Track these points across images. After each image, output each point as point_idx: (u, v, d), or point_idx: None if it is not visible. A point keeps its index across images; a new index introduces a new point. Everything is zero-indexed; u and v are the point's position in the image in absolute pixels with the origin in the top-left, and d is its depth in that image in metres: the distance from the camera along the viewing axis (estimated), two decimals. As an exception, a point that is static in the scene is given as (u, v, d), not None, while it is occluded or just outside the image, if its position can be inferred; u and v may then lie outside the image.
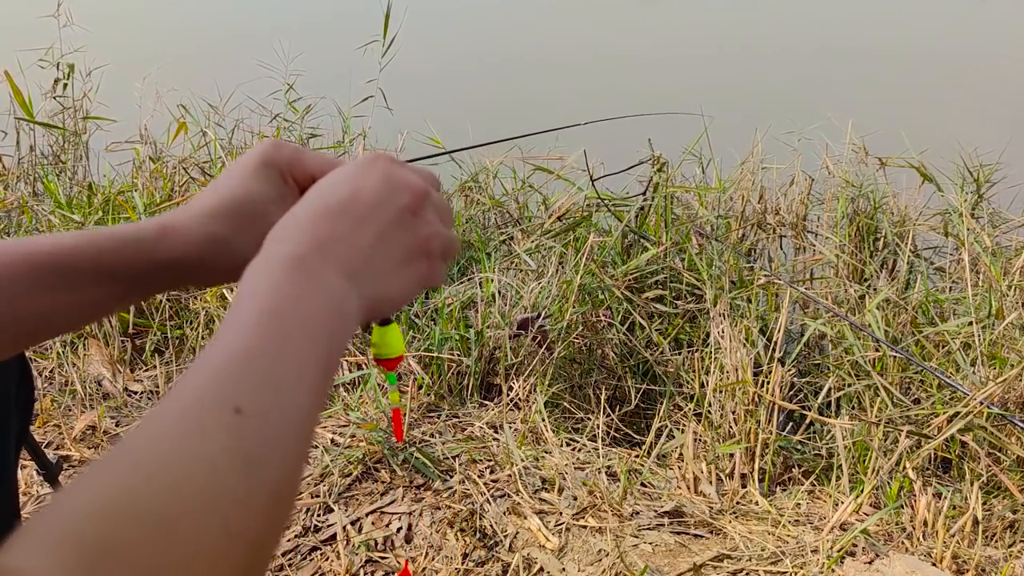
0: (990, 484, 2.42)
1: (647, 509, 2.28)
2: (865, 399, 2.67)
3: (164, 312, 3.16)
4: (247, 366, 0.44)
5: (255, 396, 0.43)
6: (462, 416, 2.68)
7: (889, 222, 3.74)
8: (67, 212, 3.53)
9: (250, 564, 0.40)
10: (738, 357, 2.61)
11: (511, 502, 2.25)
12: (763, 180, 4.05)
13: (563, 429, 2.67)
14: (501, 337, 2.81)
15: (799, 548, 2.14)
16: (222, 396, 0.43)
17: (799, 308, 3.42)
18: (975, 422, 2.38)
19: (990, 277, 3.02)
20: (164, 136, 4.26)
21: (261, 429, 0.42)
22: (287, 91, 4.13)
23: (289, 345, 0.47)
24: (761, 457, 2.48)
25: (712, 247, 3.35)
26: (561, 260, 3.13)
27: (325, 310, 0.50)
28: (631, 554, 2.09)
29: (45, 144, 4.44)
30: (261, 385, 0.44)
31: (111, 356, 2.95)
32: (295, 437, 0.44)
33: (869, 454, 2.42)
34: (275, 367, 0.45)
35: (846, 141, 4.07)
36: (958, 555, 2.11)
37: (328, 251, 0.53)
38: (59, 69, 4.34)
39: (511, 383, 2.76)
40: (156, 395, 2.83)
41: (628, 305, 3.05)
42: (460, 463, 2.38)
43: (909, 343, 2.88)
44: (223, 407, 0.42)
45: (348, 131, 4.13)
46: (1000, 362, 2.61)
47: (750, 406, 2.54)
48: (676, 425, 2.72)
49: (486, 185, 3.94)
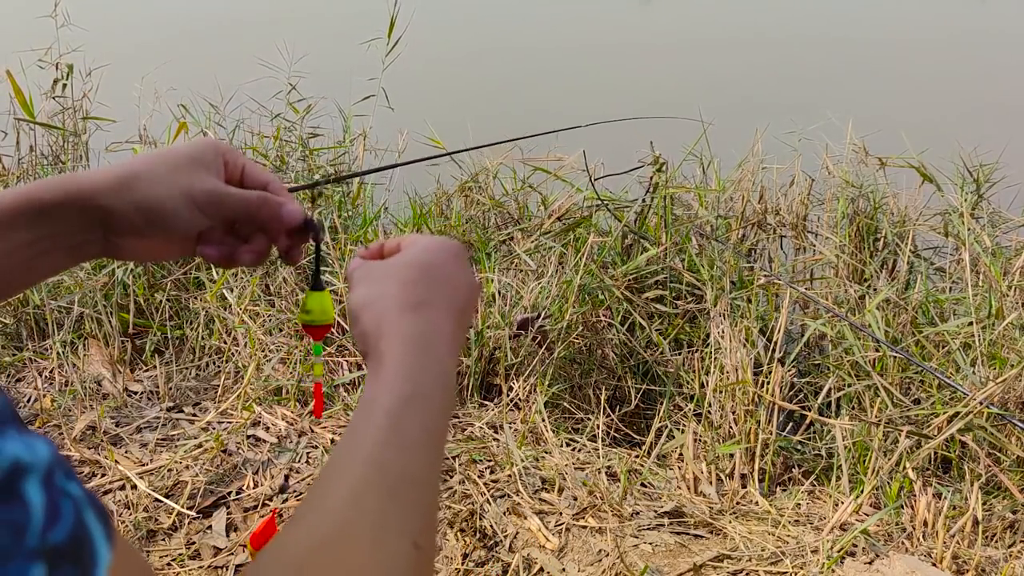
0: (990, 484, 2.42)
1: (647, 509, 2.28)
2: (865, 399, 2.67)
3: (164, 312, 3.16)
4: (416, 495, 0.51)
5: (425, 529, 0.50)
6: (462, 416, 2.68)
7: (889, 222, 3.74)
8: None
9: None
10: (738, 357, 2.61)
11: (511, 502, 2.25)
12: (763, 180, 4.05)
13: (563, 429, 2.67)
14: (501, 337, 2.80)
15: (799, 548, 2.14)
16: (404, 528, 0.48)
17: (799, 308, 3.42)
18: (975, 422, 2.38)
19: (990, 277, 3.02)
20: (164, 136, 4.26)
21: (428, 562, 0.49)
22: (289, 91, 4.12)
23: (437, 460, 0.54)
24: (761, 457, 2.48)
25: (712, 247, 3.35)
26: (561, 260, 3.13)
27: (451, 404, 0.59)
28: (631, 554, 2.09)
29: (45, 144, 4.43)
30: (427, 516, 0.51)
31: (111, 356, 2.95)
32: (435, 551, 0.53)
33: (869, 454, 2.42)
34: (431, 490, 0.52)
35: (846, 141, 4.07)
36: (958, 555, 2.11)
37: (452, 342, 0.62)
38: (58, 69, 4.34)
39: (511, 383, 2.76)
40: (156, 395, 2.83)
41: (628, 305, 3.05)
42: (460, 463, 2.38)
43: (909, 343, 2.88)
44: (408, 541, 0.48)
45: (349, 131, 4.12)
46: (1000, 362, 2.61)
47: (750, 406, 2.54)
48: (676, 425, 2.72)
49: (486, 185, 3.93)
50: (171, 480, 2.35)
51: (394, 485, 0.50)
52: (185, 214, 0.67)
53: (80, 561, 0.31)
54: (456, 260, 0.66)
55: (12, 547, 0.29)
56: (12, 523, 0.29)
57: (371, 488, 0.49)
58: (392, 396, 0.54)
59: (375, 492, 0.49)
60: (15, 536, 0.29)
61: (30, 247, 0.64)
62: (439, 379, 0.58)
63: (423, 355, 0.58)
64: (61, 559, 0.30)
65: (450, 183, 4.01)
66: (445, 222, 3.80)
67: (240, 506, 2.29)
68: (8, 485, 0.29)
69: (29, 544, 0.30)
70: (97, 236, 0.66)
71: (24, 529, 0.30)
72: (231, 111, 4.19)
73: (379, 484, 0.49)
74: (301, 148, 4.04)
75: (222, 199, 0.68)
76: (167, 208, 0.66)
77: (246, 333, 2.91)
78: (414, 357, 0.57)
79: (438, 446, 0.55)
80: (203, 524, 2.22)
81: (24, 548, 0.29)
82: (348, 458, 0.51)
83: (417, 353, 0.58)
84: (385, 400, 0.54)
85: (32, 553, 0.30)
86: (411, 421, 0.53)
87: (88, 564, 0.32)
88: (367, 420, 0.53)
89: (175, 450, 2.48)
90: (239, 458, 2.45)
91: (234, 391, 2.77)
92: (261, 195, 0.70)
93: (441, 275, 0.64)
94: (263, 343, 2.88)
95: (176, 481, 2.35)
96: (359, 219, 3.75)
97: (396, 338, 0.58)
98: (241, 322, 2.92)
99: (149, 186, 0.66)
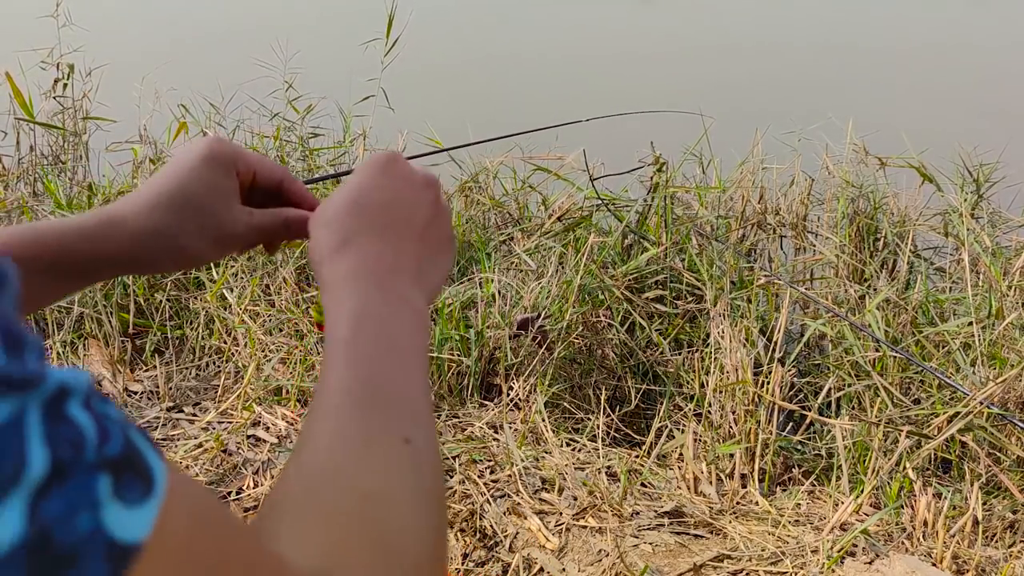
0: (990, 484, 2.42)
1: (647, 509, 2.28)
2: (865, 399, 2.67)
3: (164, 312, 3.16)
4: (392, 394, 0.51)
5: (411, 424, 0.50)
6: (462, 416, 2.68)
7: (889, 222, 3.74)
8: (67, 212, 3.53)
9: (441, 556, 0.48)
10: (738, 357, 2.61)
11: (511, 502, 2.25)
12: (763, 180, 4.04)
13: (563, 429, 2.67)
14: (501, 337, 2.81)
15: (799, 548, 2.14)
16: (389, 428, 0.49)
17: (799, 308, 3.42)
18: (975, 422, 2.38)
19: (990, 277, 3.02)
20: (164, 136, 4.26)
21: (426, 453, 0.50)
22: (287, 89, 4.12)
23: (410, 370, 0.53)
24: (761, 457, 2.48)
25: (712, 247, 3.35)
26: (561, 260, 3.13)
27: (418, 324, 0.56)
28: (631, 554, 2.09)
29: (45, 144, 4.43)
30: (409, 412, 0.51)
31: (111, 356, 2.95)
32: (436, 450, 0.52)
33: (869, 454, 2.42)
34: (410, 393, 0.52)
35: (846, 141, 4.07)
36: (958, 555, 2.11)
37: (398, 266, 0.58)
38: (59, 69, 4.34)
39: (511, 383, 2.76)
40: (156, 395, 2.84)
41: (628, 305, 3.05)
42: (460, 463, 2.38)
43: (909, 343, 2.88)
44: (397, 437, 0.49)
45: (349, 131, 4.13)
46: (1000, 362, 2.61)
47: (750, 406, 2.54)
48: (676, 425, 2.72)
49: (486, 185, 3.93)
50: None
51: (363, 397, 0.50)
52: (217, 253, 0.70)
53: (138, 470, 0.32)
54: (384, 174, 0.61)
55: (74, 461, 0.30)
56: (70, 439, 0.30)
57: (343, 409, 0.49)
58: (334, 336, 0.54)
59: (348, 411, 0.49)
60: (75, 451, 0.30)
61: (49, 287, 0.67)
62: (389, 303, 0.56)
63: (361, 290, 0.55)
64: (122, 469, 0.32)
65: (450, 183, 4.01)
66: (445, 222, 3.80)
67: (240, 506, 2.29)
68: (57, 406, 0.31)
69: (88, 458, 0.31)
70: (123, 273, 0.71)
71: (82, 444, 0.31)
72: (231, 111, 4.20)
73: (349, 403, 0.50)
74: (301, 148, 4.04)
75: (254, 231, 0.70)
76: (204, 256, 0.69)
77: (246, 333, 2.91)
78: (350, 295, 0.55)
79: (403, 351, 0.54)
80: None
81: (85, 462, 0.30)
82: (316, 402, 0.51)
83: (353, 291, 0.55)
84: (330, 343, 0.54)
85: (93, 466, 0.31)
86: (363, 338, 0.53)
87: (146, 474, 0.33)
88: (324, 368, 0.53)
89: (175, 450, 2.48)
90: (239, 458, 2.45)
91: (234, 391, 2.77)
92: (284, 220, 0.71)
93: (371, 199, 0.60)
94: (263, 343, 2.88)
95: (176, 481, 2.35)
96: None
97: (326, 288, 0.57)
98: (241, 322, 2.92)
99: (186, 242, 0.68)
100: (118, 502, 0.31)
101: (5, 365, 0.29)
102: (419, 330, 0.56)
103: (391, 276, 0.57)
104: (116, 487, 0.31)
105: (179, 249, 0.67)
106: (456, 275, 3.32)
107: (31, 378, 0.30)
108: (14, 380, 0.29)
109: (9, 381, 0.29)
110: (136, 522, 0.31)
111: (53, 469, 0.29)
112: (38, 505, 0.29)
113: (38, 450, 0.29)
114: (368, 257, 0.57)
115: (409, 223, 0.60)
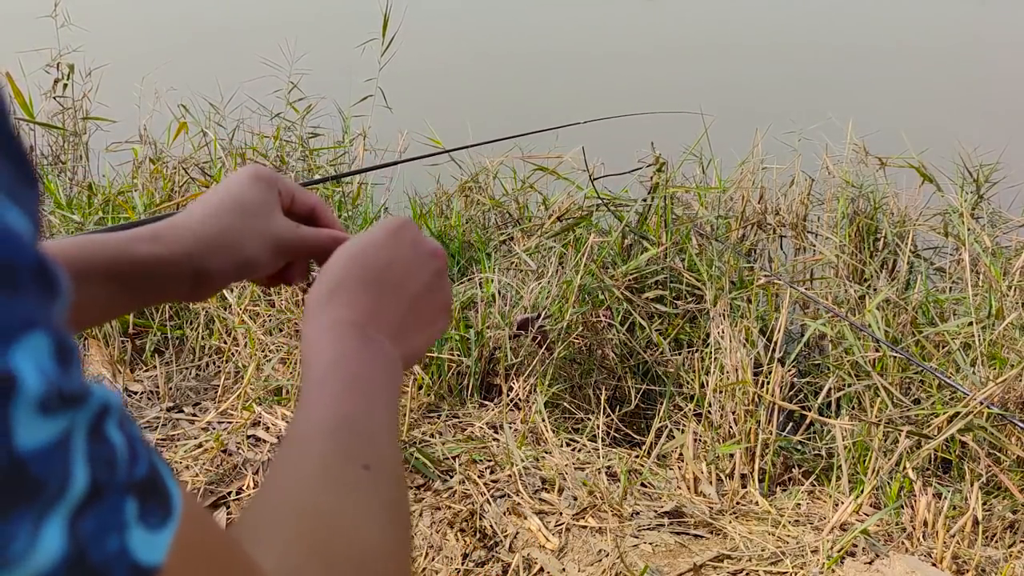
0: (990, 484, 2.42)
1: (647, 509, 2.28)
2: (865, 399, 2.67)
3: (164, 312, 3.16)
4: (357, 428, 0.53)
5: (372, 453, 0.52)
6: (462, 416, 2.68)
7: (889, 222, 3.74)
8: (67, 212, 3.53)
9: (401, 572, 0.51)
10: (738, 357, 2.61)
11: (511, 502, 2.25)
12: (763, 180, 4.05)
13: (563, 429, 2.67)
14: (501, 337, 2.81)
15: (799, 548, 2.14)
16: (348, 455, 0.51)
17: (799, 308, 3.42)
18: (975, 422, 2.38)
19: (990, 277, 3.02)
20: (164, 136, 4.26)
21: (386, 480, 0.52)
22: (290, 90, 4.12)
23: (377, 407, 0.56)
24: (761, 457, 2.48)
25: (712, 247, 3.35)
26: (561, 260, 3.13)
27: (390, 371, 0.59)
28: (631, 554, 2.09)
29: (45, 144, 4.44)
30: (371, 443, 0.53)
31: (111, 356, 2.95)
32: (400, 481, 0.54)
33: (869, 454, 2.42)
34: (373, 427, 0.54)
35: (846, 141, 4.07)
36: (958, 555, 2.11)
37: (379, 320, 0.61)
38: (58, 69, 4.34)
39: (511, 383, 2.76)
40: (156, 395, 2.84)
41: (628, 305, 3.05)
42: (460, 463, 2.38)
43: (909, 343, 2.88)
44: (354, 464, 0.51)
45: (348, 131, 4.13)
46: (1000, 362, 2.61)
47: (750, 406, 2.54)
48: (676, 425, 2.72)
49: (486, 185, 3.94)
50: (171, 480, 2.35)
51: (328, 429, 0.53)
52: (272, 262, 0.72)
53: (160, 496, 0.33)
54: (390, 235, 0.64)
55: (109, 481, 0.31)
56: (106, 459, 0.31)
57: (308, 438, 0.52)
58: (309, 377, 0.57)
59: (312, 440, 0.52)
60: (110, 471, 0.31)
61: (111, 298, 0.67)
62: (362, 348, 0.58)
63: (338, 338, 0.58)
64: (146, 493, 0.32)
65: (450, 183, 4.01)
66: (445, 222, 3.81)
67: (240, 506, 2.29)
68: (99, 425, 0.31)
69: (121, 479, 0.31)
70: (185, 287, 0.70)
71: (115, 465, 0.31)
72: (231, 111, 4.20)
73: (315, 433, 0.53)
74: (301, 148, 4.04)
75: (302, 242, 0.73)
76: (260, 261, 0.71)
77: (246, 333, 2.91)
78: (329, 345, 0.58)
79: (371, 390, 0.56)
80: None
81: (118, 483, 0.31)
82: (287, 433, 0.54)
83: (331, 340, 0.58)
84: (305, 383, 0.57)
85: (124, 487, 0.31)
86: (334, 379, 0.56)
87: (166, 498, 0.34)
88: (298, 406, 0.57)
89: (175, 450, 2.48)
90: (239, 458, 2.45)
91: (234, 391, 2.77)
92: (332, 235, 0.74)
93: (369, 256, 0.63)
94: (263, 343, 2.88)
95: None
96: (359, 219, 3.75)
97: (306, 338, 0.59)
98: (241, 322, 2.92)
99: (245, 245, 0.70)
100: (141, 525, 0.32)
101: (58, 379, 0.29)
102: (388, 371, 0.59)
103: (369, 325, 0.60)
104: (141, 511, 0.32)
105: (240, 251, 0.69)
106: (456, 275, 3.33)
107: (80, 394, 0.30)
108: (66, 396, 0.30)
109: (62, 396, 0.29)
110: (155, 546, 0.32)
111: (91, 489, 0.30)
112: (76, 523, 0.29)
113: (81, 469, 0.30)
114: (351, 306, 0.60)
115: (400, 285, 0.63)
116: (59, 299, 0.31)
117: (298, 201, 0.75)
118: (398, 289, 0.63)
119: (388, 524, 0.50)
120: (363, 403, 0.55)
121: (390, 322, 0.61)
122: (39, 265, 0.30)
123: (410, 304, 0.63)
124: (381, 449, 0.53)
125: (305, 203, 0.75)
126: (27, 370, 0.28)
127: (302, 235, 0.73)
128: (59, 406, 0.29)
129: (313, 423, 0.53)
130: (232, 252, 0.69)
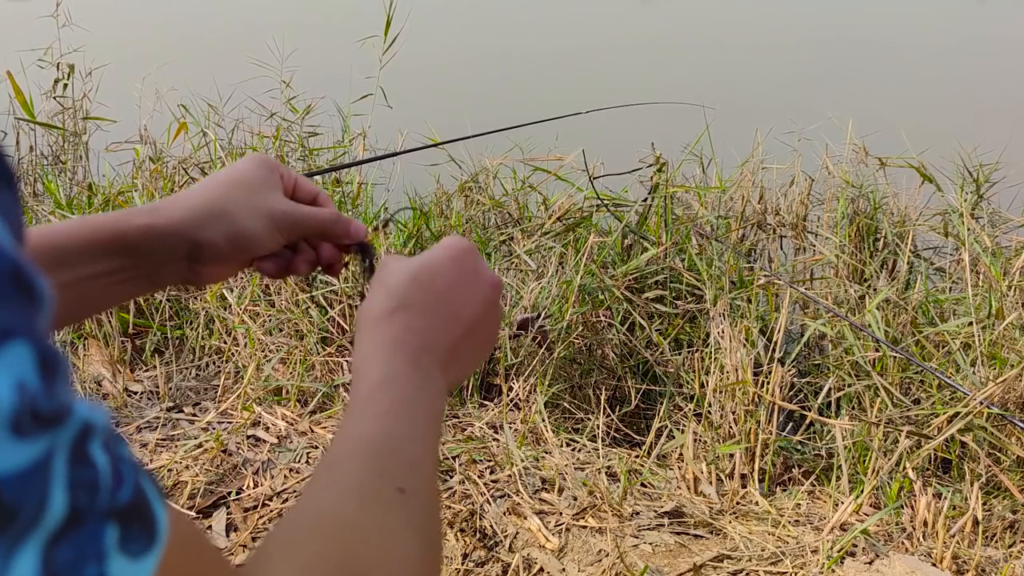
0: (990, 484, 2.42)
1: (647, 509, 2.28)
2: (865, 399, 2.67)
3: (164, 312, 3.16)
4: (397, 449, 0.54)
5: (410, 477, 0.53)
6: (462, 416, 2.68)
7: (889, 222, 3.74)
8: (67, 212, 3.53)
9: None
10: (738, 357, 2.61)
11: (511, 502, 2.25)
12: (763, 180, 4.05)
13: (563, 429, 2.67)
14: (501, 337, 2.81)
15: (799, 548, 2.14)
16: (385, 475, 0.52)
17: (799, 308, 3.42)
18: (975, 422, 2.38)
19: (990, 277, 3.02)
20: (164, 136, 4.26)
21: (420, 506, 0.52)
22: (284, 88, 4.12)
23: (421, 431, 0.56)
24: (761, 457, 2.48)
25: (712, 247, 3.35)
26: (561, 260, 3.13)
27: (436, 401, 0.59)
28: (631, 554, 2.09)
29: (45, 144, 4.43)
30: (410, 467, 0.54)
31: (111, 356, 2.95)
32: (435, 511, 0.55)
33: (869, 454, 2.42)
34: (416, 450, 0.55)
35: (846, 141, 4.07)
36: (958, 555, 2.11)
37: (433, 346, 0.61)
38: (59, 69, 4.34)
39: (511, 383, 2.76)
40: (156, 395, 2.83)
41: (628, 305, 3.05)
42: (460, 463, 2.38)
43: (909, 343, 2.88)
44: (390, 485, 0.51)
45: (348, 130, 4.12)
46: (1000, 362, 2.61)
47: (750, 406, 2.54)
48: (676, 425, 2.72)
49: (486, 185, 3.93)
50: (171, 480, 2.35)
51: (368, 449, 0.53)
52: (268, 237, 0.71)
53: (144, 520, 0.32)
54: (454, 261, 0.64)
55: (89, 507, 0.30)
56: (87, 483, 0.30)
57: (347, 457, 0.53)
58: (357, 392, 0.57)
59: (350, 459, 0.53)
60: (90, 496, 0.30)
61: (110, 276, 0.68)
62: (412, 373, 0.58)
63: (391, 358, 0.58)
64: (129, 519, 0.31)
65: (450, 183, 4.01)
66: (445, 222, 3.80)
67: (240, 506, 2.29)
68: (80, 446, 0.30)
69: (102, 504, 0.30)
70: (181, 265, 0.70)
71: (97, 489, 0.30)
72: (230, 111, 4.19)
73: (354, 453, 0.53)
74: (300, 148, 4.04)
75: (301, 218, 0.73)
76: (256, 234, 0.70)
77: (246, 333, 2.91)
78: (382, 361, 0.58)
79: (415, 414, 0.57)
80: (203, 524, 2.22)
81: (98, 508, 0.30)
82: (329, 449, 0.54)
83: (384, 358, 0.58)
84: (353, 398, 0.57)
85: (105, 513, 0.30)
86: (381, 398, 0.56)
87: (150, 523, 0.32)
88: (343, 420, 0.57)
89: (175, 450, 2.48)
90: (239, 458, 2.45)
91: (234, 391, 2.77)
92: (333, 213, 0.75)
93: (432, 280, 0.63)
94: (263, 343, 2.88)
95: (176, 481, 2.35)
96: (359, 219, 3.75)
97: (362, 347, 0.59)
98: (241, 322, 2.92)
99: (237, 216, 0.70)
100: (123, 553, 0.31)
101: (38, 398, 0.28)
102: (434, 400, 0.59)
103: (422, 353, 0.60)
104: (122, 537, 0.31)
105: (233, 222, 0.69)
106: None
107: (61, 413, 0.29)
108: (46, 416, 0.28)
109: (41, 416, 0.28)
110: (136, 575, 0.31)
111: (70, 515, 0.29)
112: (52, 552, 0.28)
113: (59, 495, 0.29)
114: (409, 330, 0.60)
115: (457, 314, 0.63)
116: (41, 307, 0.29)
117: (300, 188, 0.75)
118: (455, 317, 0.63)
119: (418, 549, 0.50)
120: (407, 427, 0.55)
121: (443, 349, 0.61)
122: (16, 271, 0.28)
123: (464, 333, 0.63)
124: (419, 475, 0.54)
125: (308, 191, 0.76)
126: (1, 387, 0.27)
127: (302, 211, 0.73)
128: (36, 427, 0.28)
129: (355, 439, 0.54)
130: (224, 222, 0.69)
